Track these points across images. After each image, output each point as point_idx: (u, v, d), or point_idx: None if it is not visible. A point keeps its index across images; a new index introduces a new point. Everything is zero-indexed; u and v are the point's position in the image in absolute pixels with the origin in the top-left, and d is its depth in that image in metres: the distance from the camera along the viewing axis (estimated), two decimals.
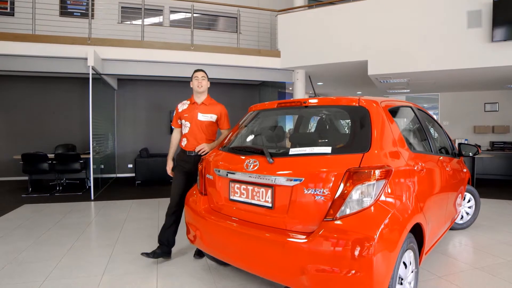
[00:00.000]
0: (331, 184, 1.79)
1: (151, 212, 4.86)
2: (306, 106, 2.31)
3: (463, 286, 2.56)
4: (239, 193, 2.18)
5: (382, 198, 1.77)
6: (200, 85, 2.94)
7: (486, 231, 3.95)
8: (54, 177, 6.69)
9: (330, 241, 1.72)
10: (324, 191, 1.80)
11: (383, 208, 1.76)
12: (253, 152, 2.21)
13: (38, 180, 6.96)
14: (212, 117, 2.99)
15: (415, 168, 2.16)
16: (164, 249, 2.97)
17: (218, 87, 9.41)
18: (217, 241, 2.25)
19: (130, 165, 8.83)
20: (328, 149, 1.93)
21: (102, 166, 7.10)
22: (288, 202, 1.91)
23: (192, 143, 2.94)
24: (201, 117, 2.95)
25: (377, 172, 1.76)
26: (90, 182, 6.11)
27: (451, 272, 2.83)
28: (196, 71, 3.04)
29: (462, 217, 4.01)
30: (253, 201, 2.09)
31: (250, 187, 2.11)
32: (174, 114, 3.10)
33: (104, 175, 7.34)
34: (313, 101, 2.27)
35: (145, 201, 5.71)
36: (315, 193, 1.82)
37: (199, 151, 2.91)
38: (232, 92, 9.41)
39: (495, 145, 8.13)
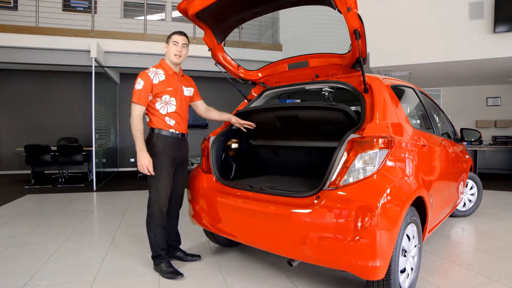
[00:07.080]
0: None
1: None
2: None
3: (466, 266, 2.56)
4: None
5: (385, 167, 1.77)
6: (180, 54, 2.36)
7: (488, 218, 3.94)
8: (57, 169, 6.71)
9: (334, 211, 1.72)
10: None
11: (386, 177, 1.76)
12: None
13: (41, 172, 6.99)
14: (191, 92, 2.55)
15: (418, 143, 2.16)
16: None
17: (219, 82, 9.40)
18: (223, 218, 2.25)
19: (132, 159, 8.85)
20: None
21: (104, 160, 7.11)
22: None
23: (183, 124, 2.45)
24: (186, 92, 2.48)
25: (380, 140, 1.76)
26: (92, 175, 6.12)
27: (454, 254, 2.83)
28: (176, 33, 2.39)
29: (464, 205, 4.00)
30: None
31: None
32: (139, 87, 2.24)
33: (106, 169, 7.36)
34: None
35: (147, 192, 5.70)
36: None
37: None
38: (233, 88, 9.40)
39: (497, 139, 8.10)
